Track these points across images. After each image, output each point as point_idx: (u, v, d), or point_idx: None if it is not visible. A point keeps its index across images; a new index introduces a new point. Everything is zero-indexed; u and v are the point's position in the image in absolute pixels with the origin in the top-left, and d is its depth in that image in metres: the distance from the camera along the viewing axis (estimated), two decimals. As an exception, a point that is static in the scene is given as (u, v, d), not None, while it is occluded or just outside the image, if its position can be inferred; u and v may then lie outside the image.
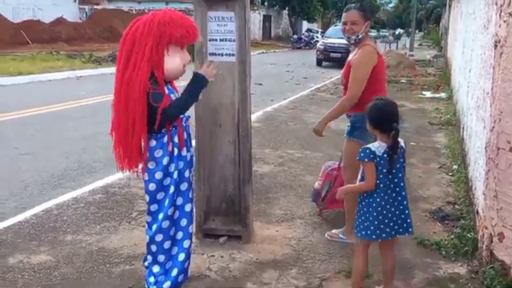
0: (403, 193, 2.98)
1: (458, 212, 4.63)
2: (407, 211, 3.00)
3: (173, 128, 2.87)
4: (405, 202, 2.99)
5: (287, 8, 47.51)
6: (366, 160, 2.90)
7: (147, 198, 2.98)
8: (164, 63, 2.74)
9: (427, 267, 3.65)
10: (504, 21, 3.08)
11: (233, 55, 3.65)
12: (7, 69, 15.65)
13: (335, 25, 37.53)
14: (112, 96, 2.88)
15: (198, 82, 2.88)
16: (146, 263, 3.18)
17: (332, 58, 22.72)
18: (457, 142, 7.16)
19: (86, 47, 25.84)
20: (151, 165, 2.89)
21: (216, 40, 3.65)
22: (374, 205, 2.94)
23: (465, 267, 3.63)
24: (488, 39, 4.05)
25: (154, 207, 2.97)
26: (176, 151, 2.88)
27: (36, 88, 12.93)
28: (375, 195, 2.94)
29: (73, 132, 7.93)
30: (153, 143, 2.86)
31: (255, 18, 43.48)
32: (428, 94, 13.05)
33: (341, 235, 4.10)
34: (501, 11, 3.16)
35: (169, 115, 2.76)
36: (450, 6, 21.64)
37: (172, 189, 2.91)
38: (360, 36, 3.79)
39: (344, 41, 17.06)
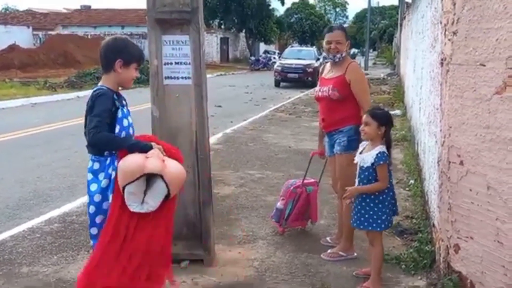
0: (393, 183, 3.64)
1: (415, 226, 4.72)
2: (395, 197, 3.65)
3: (116, 152, 2.83)
4: (394, 190, 3.64)
5: (244, 31, 47.99)
6: (386, 162, 3.43)
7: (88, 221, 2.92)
8: None
9: (387, 282, 3.69)
10: (449, 40, 3.21)
11: (188, 78, 3.66)
12: (-43, 98, 15.17)
13: (292, 46, 38.28)
14: (67, 122, 2.84)
15: (142, 147, 2.81)
16: None
17: (289, 79, 23.09)
18: (412, 157, 7.34)
19: (41, 74, 25.27)
20: (92, 187, 2.83)
21: (171, 63, 3.66)
22: (388, 198, 3.51)
23: (424, 280, 3.70)
24: (436, 57, 4.20)
25: (94, 231, 2.90)
26: (114, 174, 2.80)
27: (-11, 116, 12.57)
28: (386, 190, 3.48)
29: (28, 160, 7.71)
30: (97, 165, 2.84)
31: (213, 41, 43.75)
32: (383, 111, 13.34)
33: (341, 253, 4.12)
34: (445, 30, 3.30)
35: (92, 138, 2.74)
36: (401, 25, 22.37)
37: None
38: (343, 54, 4.07)
39: (300, 61, 17.56)
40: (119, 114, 2.84)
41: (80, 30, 39.17)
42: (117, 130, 2.82)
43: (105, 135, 2.74)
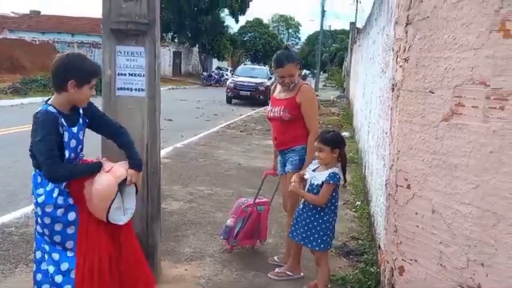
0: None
1: (361, 247, 4.80)
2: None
3: None
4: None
5: (197, 46, 47.98)
6: (334, 183, 3.52)
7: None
8: None
9: (333, 302, 3.72)
10: (400, 66, 3.30)
11: (142, 90, 3.60)
12: None
13: (245, 64, 38.56)
14: (10, 130, 2.76)
15: (95, 168, 2.85)
16: None
17: (241, 96, 23.21)
18: (359, 179, 7.49)
19: (-17, 78, 24.24)
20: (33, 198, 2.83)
21: (125, 74, 3.59)
22: (331, 221, 3.60)
23: (369, 301, 3.75)
24: (386, 82, 4.32)
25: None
26: (56, 192, 2.75)
27: None
28: (333, 209, 3.58)
29: (-35, 167, 7.35)
30: (39, 179, 2.76)
31: (165, 54, 43.44)
32: (332, 132, 13.58)
33: (288, 272, 4.11)
34: (397, 57, 3.39)
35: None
36: (351, 50, 22.99)
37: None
38: (296, 81, 4.12)
39: (253, 79, 17.82)
40: (66, 137, 2.75)
41: (28, 35, 37.91)
42: (67, 155, 2.76)
43: (62, 171, 2.69)
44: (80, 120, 2.88)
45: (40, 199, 2.73)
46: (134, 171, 2.93)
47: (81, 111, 2.90)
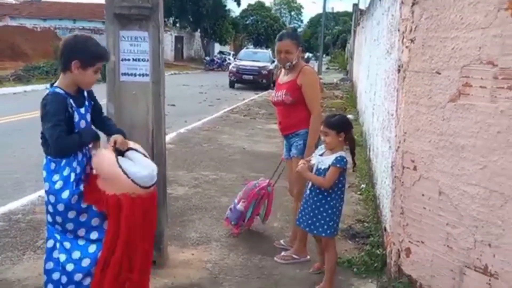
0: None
1: (367, 230, 4.80)
2: None
3: (72, 155, 2.78)
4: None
5: (199, 30, 47.72)
6: (341, 167, 3.45)
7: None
8: None
9: (339, 285, 3.72)
10: (406, 47, 3.28)
11: (146, 75, 3.58)
12: None
13: (247, 48, 38.37)
14: (13, 117, 2.76)
15: (94, 135, 2.92)
16: None
17: (244, 80, 23.15)
18: (364, 162, 7.47)
19: (-15, 66, 24.21)
20: (45, 186, 2.81)
21: (129, 60, 3.56)
22: (341, 203, 3.56)
23: (375, 283, 3.75)
24: (392, 63, 4.29)
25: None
26: (73, 176, 2.76)
27: None
28: (339, 194, 3.52)
29: (-30, 155, 7.36)
30: (53, 166, 2.76)
31: (167, 39, 43.21)
32: (336, 115, 13.55)
33: (294, 256, 4.12)
34: (403, 38, 3.36)
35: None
36: (355, 32, 22.82)
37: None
38: (294, 62, 4.07)
39: (256, 63, 17.66)
40: (76, 117, 2.77)
41: (29, 22, 37.78)
42: None
43: (66, 143, 2.70)
44: (86, 103, 2.89)
45: (58, 185, 2.72)
46: (116, 135, 2.96)
47: (85, 94, 2.91)
